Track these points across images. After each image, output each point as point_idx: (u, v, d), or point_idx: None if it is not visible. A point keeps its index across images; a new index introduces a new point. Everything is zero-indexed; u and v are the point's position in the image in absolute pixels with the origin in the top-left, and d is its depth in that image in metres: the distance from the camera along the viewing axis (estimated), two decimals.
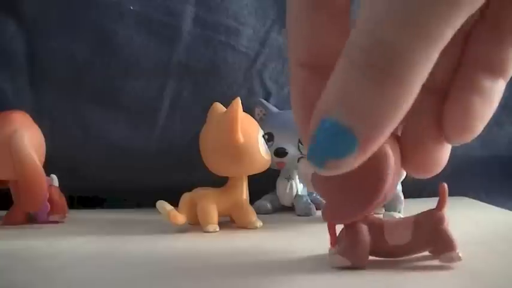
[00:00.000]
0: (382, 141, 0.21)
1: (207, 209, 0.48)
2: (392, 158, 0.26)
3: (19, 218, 0.54)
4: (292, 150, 0.58)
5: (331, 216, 0.30)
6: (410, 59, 0.20)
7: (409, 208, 0.54)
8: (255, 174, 0.49)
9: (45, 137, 0.55)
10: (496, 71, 0.25)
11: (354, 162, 0.22)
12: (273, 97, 0.67)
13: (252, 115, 0.54)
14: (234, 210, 0.50)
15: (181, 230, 0.47)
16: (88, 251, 0.41)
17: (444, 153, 0.27)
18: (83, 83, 0.64)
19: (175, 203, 0.48)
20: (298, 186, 0.59)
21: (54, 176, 0.56)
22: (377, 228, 0.33)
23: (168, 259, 0.37)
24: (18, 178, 0.51)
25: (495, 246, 0.40)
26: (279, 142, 0.58)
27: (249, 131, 0.48)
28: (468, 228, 0.48)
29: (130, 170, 0.65)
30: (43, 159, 0.54)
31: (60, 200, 0.56)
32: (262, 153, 0.49)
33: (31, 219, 0.55)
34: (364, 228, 0.33)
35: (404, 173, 0.34)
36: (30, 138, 0.52)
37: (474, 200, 0.66)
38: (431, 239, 0.33)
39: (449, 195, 0.67)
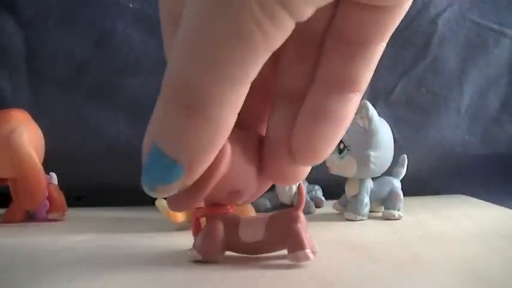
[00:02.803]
0: (207, 165, 0.23)
1: None
2: (228, 154, 0.26)
3: (18, 215, 0.54)
4: None
5: (170, 203, 0.29)
6: (214, 96, 0.21)
7: (409, 206, 0.54)
8: None
9: (43, 135, 0.55)
10: (346, 85, 0.25)
11: (183, 185, 0.23)
12: None
13: None
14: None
15: (181, 228, 0.47)
16: (87, 249, 0.41)
17: (299, 168, 0.27)
18: (82, 80, 0.64)
19: None
20: None
21: (53, 174, 0.56)
22: (233, 225, 0.34)
23: (168, 257, 0.37)
24: (17, 176, 0.51)
25: (493, 244, 0.40)
26: None
27: None
28: (467, 226, 0.48)
29: (129, 168, 0.65)
30: (42, 157, 0.54)
31: (59, 198, 0.56)
32: None
33: (30, 217, 0.55)
34: (219, 224, 0.34)
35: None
36: (29, 136, 0.52)
37: (473, 198, 0.66)
38: (283, 238, 0.33)
39: (449, 193, 0.68)
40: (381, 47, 0.24)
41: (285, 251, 0.34)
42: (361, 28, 0.24)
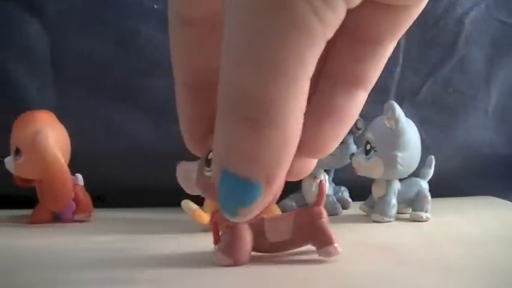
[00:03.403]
0: (284, 175, 0.21)
1: None
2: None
3: (44, 217, 0.54)
4: None
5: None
6: (275, 100, 0.19)
7: (436, 208, 0.54)
8: None
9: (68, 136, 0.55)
10: (354, 82, 0.24)
11: (264, 202, 0.22)
12: None
13: None
14: None
15: (207, 229, 0.47)
16: (112, 250, 0.41)
17: (304, 163, 0.26)
18: (106, 82, 0.65)
19: (200, 203, 0.48)
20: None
21: (79, 175, 0.56)
22: (258, 226, 0.35)
23: (193, 258, 0.37)
24: (43, 177, 0.52)
25: None
26: None
27: None
28: (495, 228, 0.48)
29: (154, 169, 0.65)
30: (68, 159, 0.54)
31: (85, 199, 0.56)
32: None
33: (56, 218, 0.55)
34: (245, 227, 0.35)
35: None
36: (55, 138, 0.53)
37: (502, 200, 0.65)
38: (311, 234, 0.35)
39: (475, 194, 0.68)
40: (392, 46, 0.24)
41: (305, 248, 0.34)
42: (374, 26, 0.23)
